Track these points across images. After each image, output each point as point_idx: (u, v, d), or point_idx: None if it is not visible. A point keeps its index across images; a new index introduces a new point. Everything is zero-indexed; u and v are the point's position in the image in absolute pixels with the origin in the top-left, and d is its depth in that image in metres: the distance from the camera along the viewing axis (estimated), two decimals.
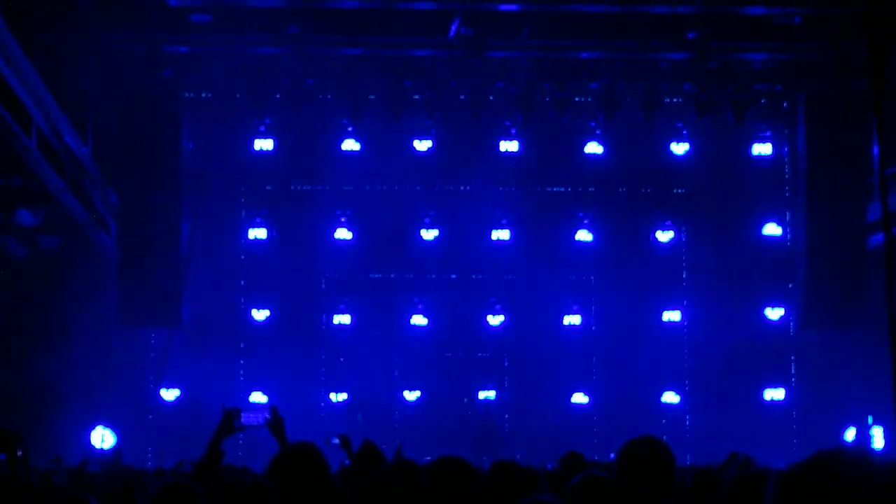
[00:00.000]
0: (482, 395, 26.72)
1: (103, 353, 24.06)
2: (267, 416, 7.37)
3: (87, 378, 23.25)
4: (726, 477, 4.95)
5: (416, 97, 24.52)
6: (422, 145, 25.83)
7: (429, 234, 26.47)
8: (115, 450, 22.10)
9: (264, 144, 25.65)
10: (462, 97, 24.79)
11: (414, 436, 24.63)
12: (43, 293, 22.91)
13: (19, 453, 11.28)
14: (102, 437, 23.36)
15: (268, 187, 26.66)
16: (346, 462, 9.63)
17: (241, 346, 26.47)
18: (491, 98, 24.74)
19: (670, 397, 26.56)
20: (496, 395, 26.79)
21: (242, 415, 7.24)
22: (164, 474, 13.50)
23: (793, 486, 2.39)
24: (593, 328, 27.07)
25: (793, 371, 26.83)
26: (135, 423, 24.82)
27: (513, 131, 25.72)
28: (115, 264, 23.99)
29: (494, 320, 26.68)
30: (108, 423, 23.49)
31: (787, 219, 26.52)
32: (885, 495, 2.32)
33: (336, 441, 9.55)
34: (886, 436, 23.03)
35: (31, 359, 22.20)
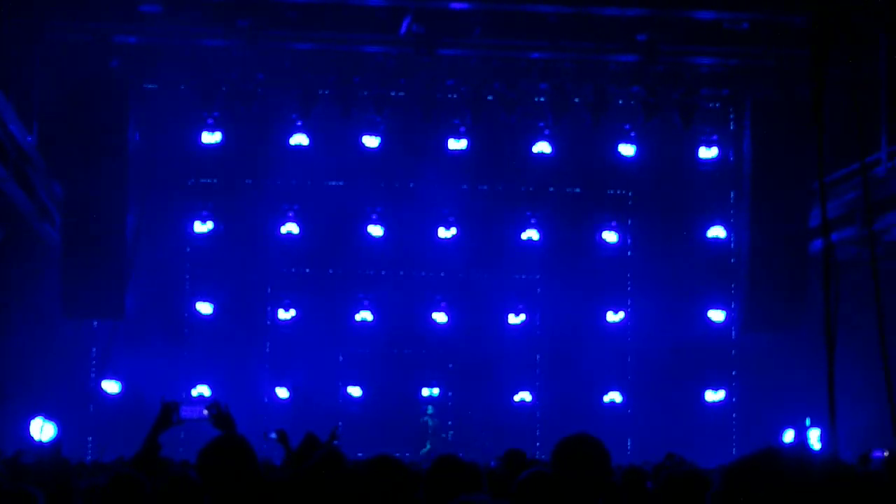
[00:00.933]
0: (426, 392, 26.77)
1: (45, 344, 23.84)
2: (205, 409, 7.36)
3: (28, 369, 23.04)
4: (660, 476, 5.01)
5: (366, 93, 24.49)
6: (370, 141, 25.80)
7: (375, 231, 26.46)
8: (54, 442, 21.92)
9: (212, 137, 25.52)
10: (412, 94, 24.82)
11: (357, 432, 24.63)
12: None
13: None
14: (42, 429, 23.15)
15: (215, 180, 26.53)
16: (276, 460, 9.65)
17: (185, 339, 26.35)
18: (440, 96, 24.79)
19: (613, 397, 26.71)
20: (440, 392, 26.85)
21: (182, 408, 7.23)
22: (102, 468, 13.43)
23: (741, 477, 2.44)
24: (538, 327, 27.17)
25: (734, 373, 27.07)
26: (76, 416, 24.62)
27: (462, 129, 25.75)
28: (59, 255, 23.77)
29: (439, 318, 26.72)
30: (48, 415, 23.30)
31: (732, 222, 26.74)
32: (831, 486, 2.38)
33: (273, 436, 9.57)
34: (822, 438, 23.29)
35: None
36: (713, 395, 26.73)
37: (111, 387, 25.43)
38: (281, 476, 8.06)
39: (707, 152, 26.45)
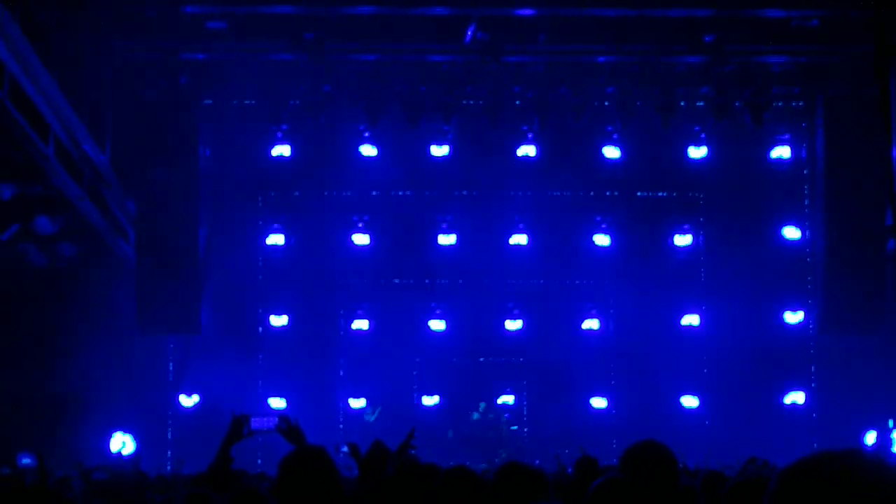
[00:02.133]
0: (501, 399, 26.71)
1: (123, 360, 24.11)
2: (277, 420, 7.36)
3: (107, 385, 23.30)
4: (730, 482, 4.93)
5: (433, 102, 24.50)
6: (439, 150, 25.84)
7: (446, 239, 26.47)
8: (132, 457, 22.15)
9: (281, 150, 25.68)
10: (478, 102, 24.80)
11: (432, 441, 24.64)
12: (62, 301, 22.98)
13: (31, 461, 11.31)
14: (122, 444, 23.43)
15: (285, 193, 26.72)
16: (355, 471, 9.62)
17: (260, 352, 26.52)
18: (507, 102, 24.71)
19: (689, 401, 26.47)
20: (515, 400, 26.79)
21: (252, 419, 7.23)
22: (181, 481, 13.52)
23: (796, 480, 2.37)
24: (612, 332, 26.99)
25: (813, 375, 26.70)
26: (154, 430, 24.89)
27: (530, 136, 25.70)
28: (134, 272, 24.05)
29: (513, 325, 26.66)
30: (127, 430, 23.57)
31: (806, 222, 26.40)
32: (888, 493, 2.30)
33: (345, 449, 9.55)
34: None
35: (52, 367, 22.28)
36: (792, 398, 26.39)
37: (188, 400, 25.66)
38: (356, 488, 8.04)
39: (779, 151, 26.17)
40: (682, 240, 26.76)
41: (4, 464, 17.30)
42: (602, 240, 26.61)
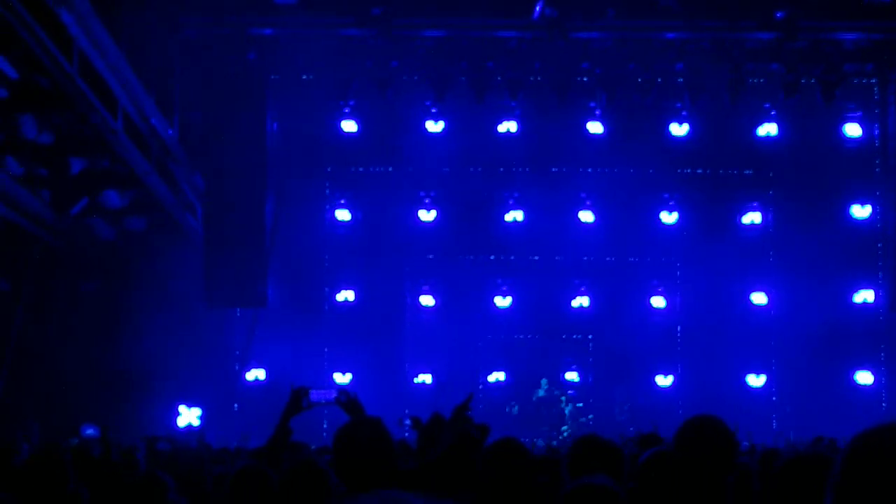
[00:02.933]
0: (567, 376, 26.66)
1: (190, 333, 24.30)
2: (336, 393, 7.35)
3: (174, 358, 23.50)
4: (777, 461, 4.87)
5: (500, 78, 24.41)
6: (505, 126, 25.76)
7: (513, 216, 26.42)
8: (198, 429, 22.35)
9: (348, 126, 25.74)
10: (546, 78, 24.66)
11: (499, 417, 24.66)
12: (130, 274, 23.20)
13: (95, 432, 11.44)
14: (188, 416, 23.67)
15: (352, 168, 26.79)
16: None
17: (326, 326, 26.65)
18: (575, 79, 24.57)
19: (756, 380, 26.27)
20: (581, 377, 26.72)
21: (312, 392, 7.21)
22: (245, 454, 13.64)
23: (869, 448, 2.31)
24: (678, 310, 26.85)
25: (882, 354, 26.36)
26: (220, 403, 25.08)
27: (597, 112, 25.55)
28: (201, 245, 24.21)
29: (579, 302, 26.59)
30: (194, 403, 23.79)
31: (877, 200, 26.03)
32: None
33: (408, 422, 9.58)
34: None
35: (119, 340, 22.51)
36: (861, 377, 26.08)
37: (255, 374, 25.84)
38: (414, 461, 8.04)
39: (851, 129, 25.80)
40: (751, 217, 26.51)
41: (73, 435, 17.57)
42: (669, 217, 26.44)
